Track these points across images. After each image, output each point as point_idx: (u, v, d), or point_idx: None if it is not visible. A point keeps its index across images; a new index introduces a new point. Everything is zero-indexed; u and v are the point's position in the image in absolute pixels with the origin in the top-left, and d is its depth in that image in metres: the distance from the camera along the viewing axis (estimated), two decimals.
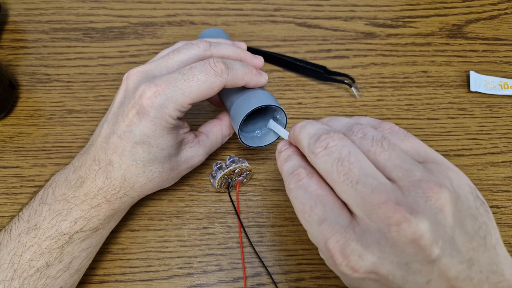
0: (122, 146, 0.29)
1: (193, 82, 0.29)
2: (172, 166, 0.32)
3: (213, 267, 0.35)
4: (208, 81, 0.29)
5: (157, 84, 0.29)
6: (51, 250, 0.28)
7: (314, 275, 0.35)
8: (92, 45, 0.46)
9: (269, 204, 0.38)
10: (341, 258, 0.20)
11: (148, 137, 0.29)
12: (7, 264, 0.27)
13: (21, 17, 0.48)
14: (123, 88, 0.31)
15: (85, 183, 0.30)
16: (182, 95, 0.29)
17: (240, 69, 0.31)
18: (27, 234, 0.28)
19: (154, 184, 0.32)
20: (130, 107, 0.29)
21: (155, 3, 0.49)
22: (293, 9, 0.49)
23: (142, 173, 0.30)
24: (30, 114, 0.42)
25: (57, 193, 0.30)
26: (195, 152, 0.33)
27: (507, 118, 0.43)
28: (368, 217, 0.20)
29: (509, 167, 0.40)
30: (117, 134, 0.29)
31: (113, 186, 0.30)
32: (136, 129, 0.29)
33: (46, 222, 0.29)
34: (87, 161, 0.30)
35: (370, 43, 0.48)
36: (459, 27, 0.49)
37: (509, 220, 0.38)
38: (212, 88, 0.30)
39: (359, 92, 0.44)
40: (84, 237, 0.30)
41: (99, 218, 0.30)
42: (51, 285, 0.28)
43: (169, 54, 0.32)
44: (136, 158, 0.30)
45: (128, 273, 0.35)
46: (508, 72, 0.46)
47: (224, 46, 0.33)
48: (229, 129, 0.36)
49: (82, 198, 0.29)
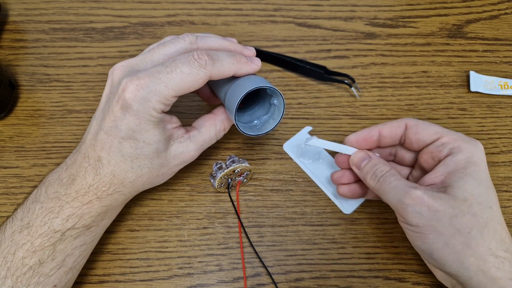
0: (109, 142, 0.29)
1: (176, 74, 0.28)
2: (162, 162, 0.32)
3: (213, 267, 0.35)
4: (192, 73, 0.29)
5: (139, 77, 0.28)
6: (43, 247, 0.28)
7: (314, 275, 0.35)
8: (92, 45, 0.46)
9: (269, 204, 0.38)
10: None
11: (133, 132, 0.29)
12: (0, 262, 0.28)
13: (21, 17, 0.48)
14: (109, 83, 0.31)
15: (76, 180, 0.30)
16: (165, 88, 0.28)
17: (227, 60, 0.30)
18: (20, 232, 0.28)
19: (144, 180, 0.32)
20: (115, 102, 0.29)
21: (155, 3, 0.49)
22: (293, 9, 0.49)
23: (130, 168, 0.30)
24: (30, 114, 0.42)
25: (49, 191, 0.30)
26: (185, 148, 0.33)
27: (507, 118, 0.43)
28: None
29: (509, 167, 0.40)
30: (104, 130, 0.29)
31: (103, 182, 0.30)
32: (121, 124, 0.29)
33: (38, 220, 0.29)
34: (78, 158, 0.30)
35: (370, 43, 0.48)
36: (459, 27, 0.49)
37: (509, 220, 0.38)
38: (196, 80, 0.29)
39: (359, 92, 0.44)
40: (76, 235, 0.30)
41: (91, 215, 0.30)
42: (45, 283, 0.28)
43: (154, 48, 0.31)
44: (123, 153, 0.30)
45: (128, 273, 0.35)
46: (508, 72, 0.46)
47: (212, 39, 0.33)
48: (223, 124, 0.35)
49: (73, 195, 0.30)
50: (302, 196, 0.38)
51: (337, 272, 0.35)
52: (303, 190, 0.39)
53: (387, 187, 0.30)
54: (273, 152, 0.40)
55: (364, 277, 0.35)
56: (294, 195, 0.38)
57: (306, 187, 0.39)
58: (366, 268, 0.35)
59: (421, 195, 0.28)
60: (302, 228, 0.37)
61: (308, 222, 0.37)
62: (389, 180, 0.30)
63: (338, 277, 0.35)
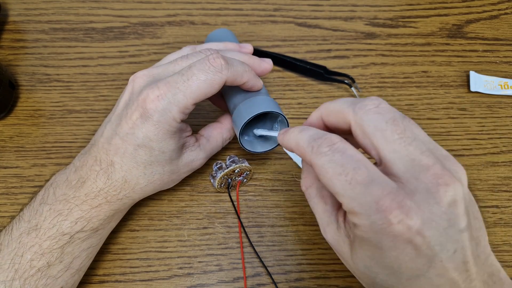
0: (124, 148, 0.29)
1: (192, 81, 0.29)
2: (173, 169, 0.32)
3: (213, 267, 0.35)
4: (208, 78, 0.29)
5: (159, 87, 0.29)
6: (52, 250, 0.28)
7: (314, 275, 0.35)
8: (92, 45, 0.46)
9: (269, 204, 0.38)
10: (400, 215, 0.19)
11: (150, 141, 0.29)
12: (8, 265, 0.27)
13: (21, 17, 0.48)
14: (129, 90, 0.31)
15: (86, 183, 0.30)
16: (184, 97, 0.29)
17: (240, 67, 0.31)
18: (28, 234, 0.28)
19: (155, 186, 0.32)
20: (133, 110, 0.29)
21: (155, 3, 0.49)
22: (293, 9, 0.49)
23: (143, 175, 0.30)
24: (30, 114, 0.42)
25: (57, 193, 0.30)
26: (195, 156, 0.33)
27: (507, 118, 0.43)
28: (415, 178, 0.20)
29: (509, 167, 0.40)
30: (119, 135, 0.29)
31: (114, 187, 0.30)
32: (139, 132, 0.29)
33: (47, 222, 0.29)
34: (89, 161, 0.30)
35: (370, 43, 0.48)
36: (459, 27, 0.49)
37: (509, 220, 0.38)
38: (212, 85, 0.29)
39: (359, 92, 0.44)
40: (84, 237, 0.30)
41: (99, 218, 0.30)
42: (52, 285, 0.28)
43: (177, 60, 0.32)
44: (137, 160, 0.30)
45: (128, 273, 0.35)
46: (508, 72, 0.46)
47: (231, 54, 0.33)
48: (230, 133, 0.36)
49: (83, 198, 0.29)
50: (302, 196, 0.38)
51: (337, 272, 0.35)
52: None
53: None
54: (273, 152, 0.40)
55: None
56: (294, 195, 0.38)
57: None
58: None
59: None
60: (302, 228, 0.37)
61: (308, 222, 0.37)
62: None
63: (338, 277, 0.35)
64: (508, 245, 0.37)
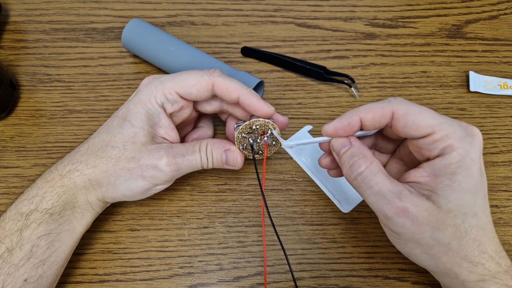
0: (109, 122, 0.33)
1: (184, 74, 0.33)
2: (133, 155, 0.31)
3: (213, 266, 0.35)
4: (198, 75, 0.32)
5: (157, 76, 0.34)
6: (12, 233, 0.29)
7: (314, 275, 0.35)
8: (93, 45, 0.46)
9: (269, 204, 0.38)
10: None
11: (128, 111, 0.32)
12: None
13: (22, 17, 0.48)
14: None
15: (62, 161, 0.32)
16: (171, 82, 0.32)
17: (236, 82, 0.32)
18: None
19: (109, 167, 0.31)
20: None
21: (155, 3, 0.49)
22: (293, 10, 0.50)
23: (104, 146, 0.32)
24: (31, 114, 0.42)
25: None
26: (159, 155, 0.31)
27: (507, 118, 0.43)
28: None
29: (509, 167, 0.40)
30: (114, 115, 0.33)
31: (72, 160, 0.32)
32: (125, 105, 0.33)
33: (12, 205, 0.30)
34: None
35: (370, 43, 0.48)
36: (458, 28, 0.49)
37: (508, 220, 0.38)
38: (199, 82, 0.32)
39: (359, 92, 0.44)
40: (39, 221, 0.29)
41: (52, 195, 0.30)
42: (14, 274, 0.28)
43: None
44: (109, 126, 0.32)
45: (129, 272, 0.35)
46: (507, 72, 0.46)
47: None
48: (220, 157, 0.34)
49: (44, 175, 0.31)
50: (302, 196, 0.38)
51: (337, 271, 0.35)
52: (303, 189, 0.39)
53: (367, 190, 0.27)
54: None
55: (364, 276, 0.35)
56: (294, 195, 0.38)
57: (306, 187, 0.39)
58: (365, 267, 0.35)
59: (405, 209, 0.26)
60: (302, 228, 0.37)
61: (308, 221, 0.37)
62: (369, 182, 0.27)
63: (338, 277, 0.35)
64: (508, 244, 0.37)
